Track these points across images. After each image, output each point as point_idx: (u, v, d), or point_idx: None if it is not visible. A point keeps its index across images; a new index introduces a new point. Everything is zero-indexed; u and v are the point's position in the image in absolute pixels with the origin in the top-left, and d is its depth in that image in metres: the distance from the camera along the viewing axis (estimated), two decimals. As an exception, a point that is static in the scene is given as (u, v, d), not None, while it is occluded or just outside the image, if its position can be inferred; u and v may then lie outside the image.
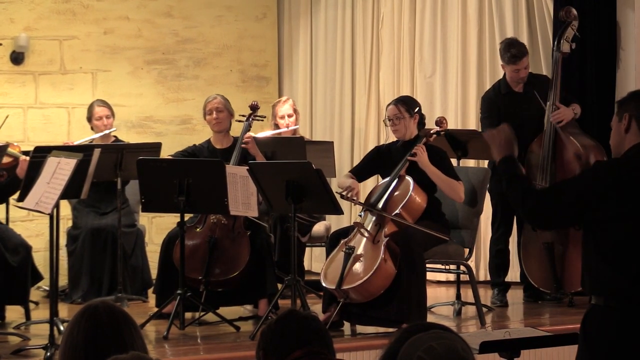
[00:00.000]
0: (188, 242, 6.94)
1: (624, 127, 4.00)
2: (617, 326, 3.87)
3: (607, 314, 3.90)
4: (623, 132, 4.01)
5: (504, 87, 7.57)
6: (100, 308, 2.93)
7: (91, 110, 8.17)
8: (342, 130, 9.58)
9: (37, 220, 8.73)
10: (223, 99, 7.52)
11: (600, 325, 3.91)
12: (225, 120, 7.46)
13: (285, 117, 8.25)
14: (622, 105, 4.10)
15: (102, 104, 8.19)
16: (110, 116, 8.14)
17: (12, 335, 6.71)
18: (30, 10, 9.22)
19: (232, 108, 7.52)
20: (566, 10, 7.40)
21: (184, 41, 9.70)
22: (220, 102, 7.48)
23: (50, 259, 6.21)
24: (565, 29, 7.38)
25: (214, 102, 7.49)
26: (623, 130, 4.01)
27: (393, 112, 6.81)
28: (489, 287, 7.92)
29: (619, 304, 3.86)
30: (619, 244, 3.88)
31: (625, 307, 3.85)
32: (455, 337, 2.69)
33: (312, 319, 3.26)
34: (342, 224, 8.08)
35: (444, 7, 8.93)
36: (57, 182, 6.02)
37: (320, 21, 9.82)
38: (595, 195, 3.91)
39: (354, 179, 6.81)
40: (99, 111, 8.12)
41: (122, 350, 2.75)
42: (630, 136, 4.00)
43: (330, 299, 6.62)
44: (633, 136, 4.00)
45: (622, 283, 3.87)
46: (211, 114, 7.46)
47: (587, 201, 3.93)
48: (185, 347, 6.33)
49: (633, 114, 4.00)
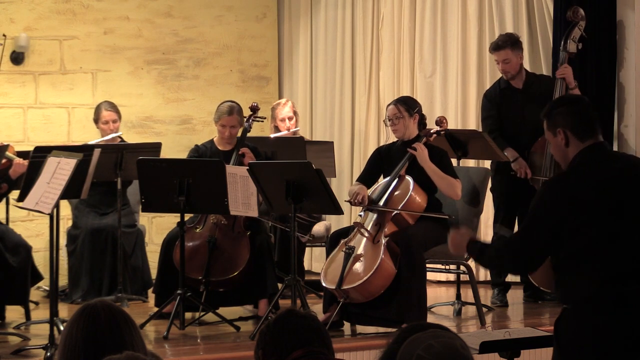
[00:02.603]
0: (188, 242, 6.94)
1: (563, 142, 4.05)
2: (586, 329, 3.90)
3: (577, 318, 3.93)
4: (564, 147, 4.06)
5: (503, 82, 7.64)
6: (98, 307, 2.92)
7: (98, 112, 8.14)
8: (342, 130, 9.58)
9: (37, 220, 8.73)
10: (238, 114, 7.26)
11: (570, 329, 3.96)
12: (235, 135, 7.30)
13: (286, 120, 8.25)
14: (549, 119, 4.10)
15: (109, 108, 8.14)
16: (117, 120, 8.11)
17: (12, 335, 6.71)
18: (30, 10, 9.22)
19: (243, 119, 7.32)
20: (574, 10, 7.41)
21: (184, 41, 9.70)
22: (236, 120, 7.24)
23: (50, 259, 6.21)
24: (572, 29, 7.40)
25: (230, 119, 7.23)
26: (563, 145, 4.06)
27: (393, 112, 6.82)
28: (489, 287, 7.92)
29: (587, 309, 3.90)
30: (580, 252, 3.91)
31: (592, 311, 3.89)
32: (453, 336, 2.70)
33: (311, 318, 3.26)
34: (342, 224, 8.08)
35: (444, 7, 8.92)
36: (57, 182, 6.02)
37: (320, 21, 9.81)
38: (558, 218, 3.93)
39: (361, 186, 6.83)
40: (106, 115, 8.09)
41: (121, 350, 2.75)
42: (571, 148, 4.04)
43: (330, 299, 6.62)
44: (574, 147, 4.04)
45: (587, 289, 3.90)
46: (224, 127, 7.24)
47: (556, 229, 3.95)
48: (185, 347, 6.34)
49: (566, 127, 4.04)
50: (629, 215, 3.92)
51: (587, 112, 4.10)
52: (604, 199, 3.92)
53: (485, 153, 7.62)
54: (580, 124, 4.04)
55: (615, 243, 3.89)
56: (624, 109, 7.76)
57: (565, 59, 7.40)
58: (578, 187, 3.95)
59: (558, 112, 4.09)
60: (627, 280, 3.87)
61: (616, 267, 3.88)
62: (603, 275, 3.88)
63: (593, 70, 7.79)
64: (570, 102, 4.19)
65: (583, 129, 4.03)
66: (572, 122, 4.04)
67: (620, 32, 7.80)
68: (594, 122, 4.08)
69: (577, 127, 4.03)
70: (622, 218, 3.91)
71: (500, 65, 7.54)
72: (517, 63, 7.52)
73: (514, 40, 7.55)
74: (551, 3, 8.16)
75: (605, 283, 3.87)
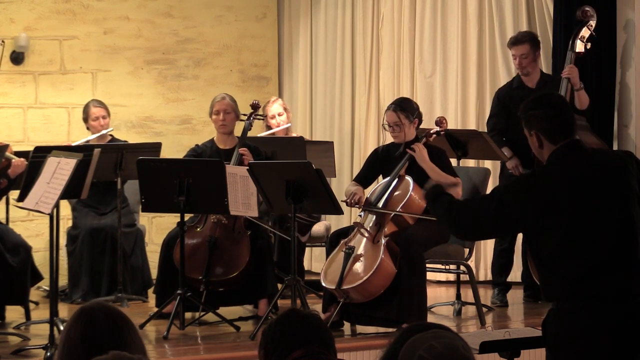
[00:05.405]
0: (188, 242, 6.93)
1: (536, 143, 4.10)
2: (569, 327, 3.96)
3: (561, 316, 3.99)
4: (537, 147, 4.11)
5: (517, 81, 7.65)
6: (95, 309, 2.92)
7: (87, 110, 8.16)
8: (342, 130, 9.58)
9: (37, 220, 8.73)
10: (231, 101, 7.36)
11: (555, 328, 4.01)
12: (231, 122, 7.34)
13: (275, 117, 8.27)
14: (524, 119, 4.14)
15: (98, 105, 8.18)
16: (106, 116, 8.13)
17: (12, 335, 6.71)
18: (30, 10, 9.22)
19: (238, 109, 7.39)
20: (582, 10, 7.40)
21: (184, 41, 9.70)
22: (229, 105, 7.32)
23: (50, 259, 6.21)
24: (581, 29, 7.40)
25: (222, 102, 7.34)
26: (537, 146, 4.11)
27: (393, 119, 6.79)
28: (489, 287, 7.92)
29: (569, 306, 3.96)
30: (555, 252, 3.96)
31: (574, 308, 3.94)
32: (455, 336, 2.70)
33: (313, 318, 3.25)
34: (342, 224, 8.08)
35: (444, 7, 8.92)
36: (57, 182, 6.02)
37: (320, 21, 9.81)
38: (519, 211, 4.01)
39: (358, 186, 6.84)
40: (95, 112, 8.11)
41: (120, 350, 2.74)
42: (545, 150, 4.09)
43: (330, 299, 6.62)
44: (547, 149, 4.08)
45: (566, 287, 3.95)
46: (218, 114, 7.32)
47: (504, 222, 4.07)
48: (185, 347, 6.33)
49: (539, 130, 4.08)
50: (599, 212, 3.96)
51: (561, 117, 4.10)
52: (575, 198, 3.96)
53: (485, 153, 7.62)
54: (554, 128, 4.07)
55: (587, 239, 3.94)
56: (624, 109, 7.75)
57: (572, 59, 7.39)
58: (549, 187, 4.00)
59: (532, 114, 4.11)
60: (600, 275, 3.92)
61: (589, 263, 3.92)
62: (578, 272, 3.93)
63: (593, 70, 7.79)
64: (545, 105, 4.15)
65: (556, 133, 4.07)
66: (545, 126, 4.07)
67: (621, 33, 7.80)
68: (569, 125, 4.10)
69: (550, 131, 4.07)
70: (592, 215, 3.95)
71: (518, 60, 7.53)
72: (534, 60, 7.53)
73: (534, 37, 7.59)
74: (551, 3, 8.16)
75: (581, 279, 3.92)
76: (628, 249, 3.96)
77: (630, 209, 3.98)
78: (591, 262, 3.93)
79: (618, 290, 3.92)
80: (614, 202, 3.98)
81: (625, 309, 3.91)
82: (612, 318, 3.90)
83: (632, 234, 3.97)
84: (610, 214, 3.97)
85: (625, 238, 3.96)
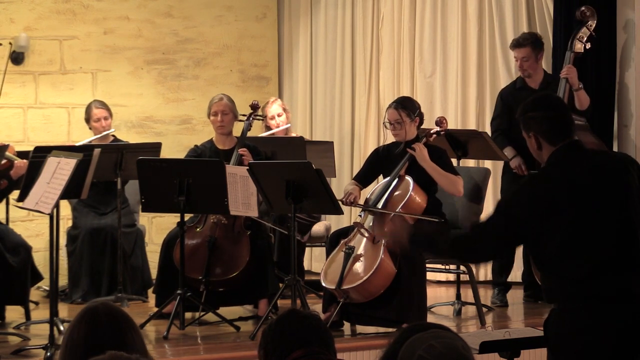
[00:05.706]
0: (188, 242, 6.93)
1: (535, 145, 4.10)
2: (570, 328, 3.95)
3: (562, 316, 3.99)
4: (536, 149, 4.11)
5: (520, 82, 7.65)
6: (99, 309, 2.92)
7: (89, 111, 8.15)
8: (342, 130, 9.58)
9: (37, 220, 8.73)
10: (229, 101, 7.35)
11: (556, 327, 4.01)
12: (229, 123, 7.33)
13: (275, 117, 8.27)
14: (522, 121, 4.14)
15: (100, 106, 8.17)
16: (108, 117, 8.12)
17: (12, 335, 6.71)
18: (30, 10, 9.22)
19: (236, 110, 7.38)
20: (581, 10, 7.40)
21: (184, 41, 9.70)
22: (227, 105, 7.31)
23: (50, 259, 6.21)
24: (580, 29, 7.40)
25: (220, 103, 7.32)
26: (536, 148, 4.11)
27: (394, 117, 6.79)
28: (489, 287, 7.92)
29: (570, 306, 3.96)
30: (555, 253, 3.96)
31: (575, 308, 3.94)
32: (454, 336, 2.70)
33: (312, 318, 3.25)
34: (342, 224, 8.08)
35: (444, 7, 8.92)
36: (57, 182, 6.02)
37: (320, 21, 9.81)
38: (525, 217, 4.00)
39: (355, 186, 6.86)
40: (97, 113, 8.10)
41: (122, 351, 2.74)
42: (544, 151, 4.09)
43: (330, 299, 6.62)
44: (546, 150, 4.08)
45: (566, 287, 3.96)
46: (216, 115, 7.31)
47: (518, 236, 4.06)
48: (185, 347, 6.34)
49: (537, 132, 4.08)
50: (599, 213, 3.96)
51: (559, 118, 4.10)
52: (574, 199, 3.96)
53: (485, 153, 7.62)
54: (552, 129, 4.07)
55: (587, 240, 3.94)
56: (624, 109, 7.75)
57: (570, 59, 7.39)
58: (549, 188, 3.99)
59: (530, 116, 4.11)
60: (600, 276, 3.92)
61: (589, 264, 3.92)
62: (578, 272, 3.92)
63: (593, 70, 7.79)
64: (543, 107, 4.14)
65: (554, 134, 4.06)
66: (544, 128, 4.07)
67: (621, 33, 7.80)
68: (567, 125, 4.10)
69: (548, 132, 4.06)
70: (592, 216, 3.95)
71: (519, 62, 7.53)
72: (536, 62, 7.52)
73: (536, 39, 7.57)
74: (551, 3, 8.16)
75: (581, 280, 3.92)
76: (628, 250, 3.96)
77: (630, 210, 3.98)
78: (591, 262, 3.93)
79: (619, 291, 3.92)
80: (614, 202, 3.98)
81: (626, 309, 3.91)
82: (613, 318, 3.90)
83: (632, 234, 3.97)
84: (611, 215, 3.97)
85: (625, 238, 3.96)
